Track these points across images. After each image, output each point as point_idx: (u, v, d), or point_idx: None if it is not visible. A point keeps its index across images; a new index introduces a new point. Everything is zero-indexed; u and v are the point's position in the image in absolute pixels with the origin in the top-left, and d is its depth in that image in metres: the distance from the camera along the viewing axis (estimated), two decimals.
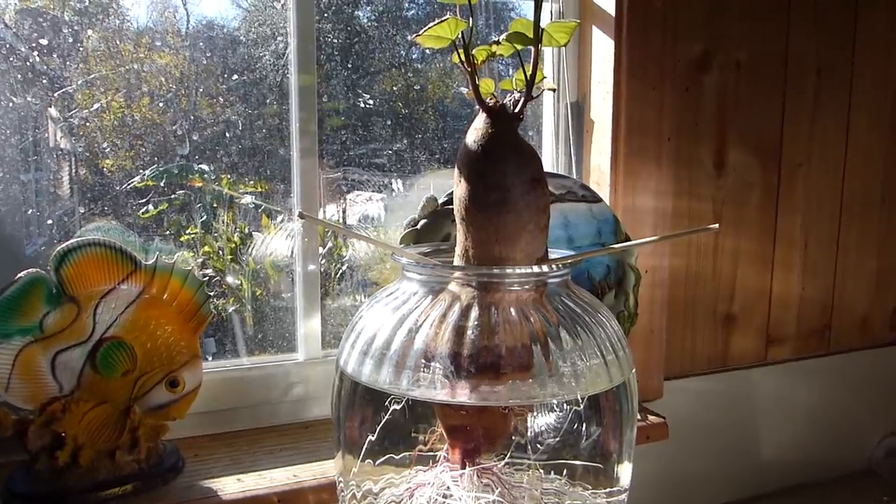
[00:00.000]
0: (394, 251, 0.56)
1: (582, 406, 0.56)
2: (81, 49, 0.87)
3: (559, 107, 1.10)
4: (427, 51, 1.07)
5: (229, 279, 0.98)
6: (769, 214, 1.21)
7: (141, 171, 0.92)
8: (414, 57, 1.06)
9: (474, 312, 0.51)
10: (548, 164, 1.11)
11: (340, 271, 1.05)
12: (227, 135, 0.95)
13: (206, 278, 0.82)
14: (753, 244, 1.20)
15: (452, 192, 0.85)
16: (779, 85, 1.18)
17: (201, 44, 0.94)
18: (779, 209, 1.22)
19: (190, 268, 0.79)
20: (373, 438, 0.58)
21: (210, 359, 0.95)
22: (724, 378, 1.20)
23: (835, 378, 1.31)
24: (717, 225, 0.49)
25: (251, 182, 0.97)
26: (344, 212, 1.07)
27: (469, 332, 0.50)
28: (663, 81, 1.03)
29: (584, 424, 0.56)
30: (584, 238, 0.94)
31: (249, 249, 0.99)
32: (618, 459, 0.59)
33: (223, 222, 0.97)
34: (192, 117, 0.93)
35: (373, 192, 1.06)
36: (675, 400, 1.11)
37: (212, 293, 0.94)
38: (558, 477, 0.58)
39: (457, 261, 0.55)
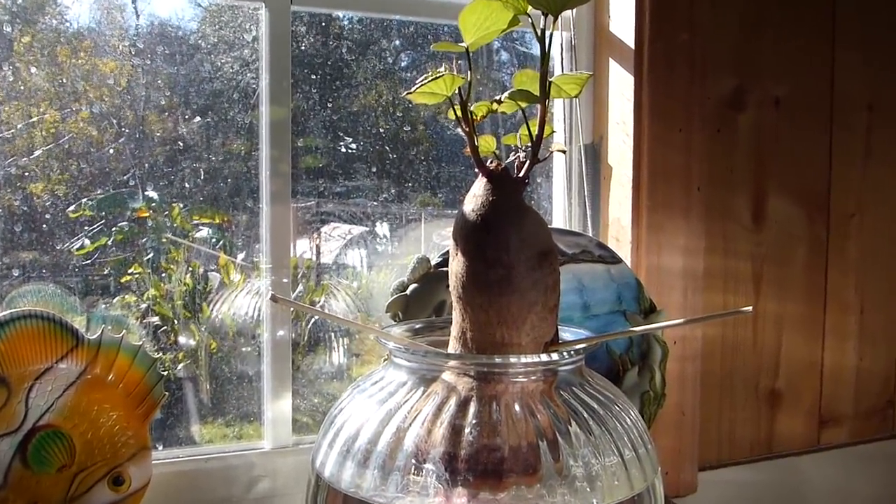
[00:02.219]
0: (378, 335, 0.58)
1: None
2: (11, 54, 0.87)
3: (572, 150, 1.13)
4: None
5: (181, 339, 0.99)
6: (818, 273, 1.23)
7: (77, 198, 0.91)
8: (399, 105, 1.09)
9: (473, 408, 0.52)
10: (559, 218, 1.13)
11: (315, 337, 1.06)
12: (180, 156, 0.94)
13: (153, 330, 0.82)
14: (800, 308, 1.22)
15: (447, 252, 0.87)
16: (824, 123, 1.22)
17: (152, 49, 0.93)
18: (829, 267, 1.24)
19: (140, 343, 0.80)
20: None
21: (160, 448, 0.96)
22: (768, 467, 1.20)
23: None
24: (750, 308, 0.51)
25: (208, 212, 0.97)
26: (318, 248, 1.09)
27: (467, 430, 0.52)
28: (691, 122, 1.06)
29: None
30: (602, 304, 0.96)
31: (206, 297, 0.99)
32: None
33: (173, 260, 0.97)
34: (139, 135, 0.93)
35: (352, 224, 1.07)
36: (710, 494, 1.11)
37: (158, 356, 0.93)
38: None
39: (453, 344, 0.57)
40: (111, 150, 0.92)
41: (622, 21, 1.07)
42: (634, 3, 1.05)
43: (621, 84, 1.07)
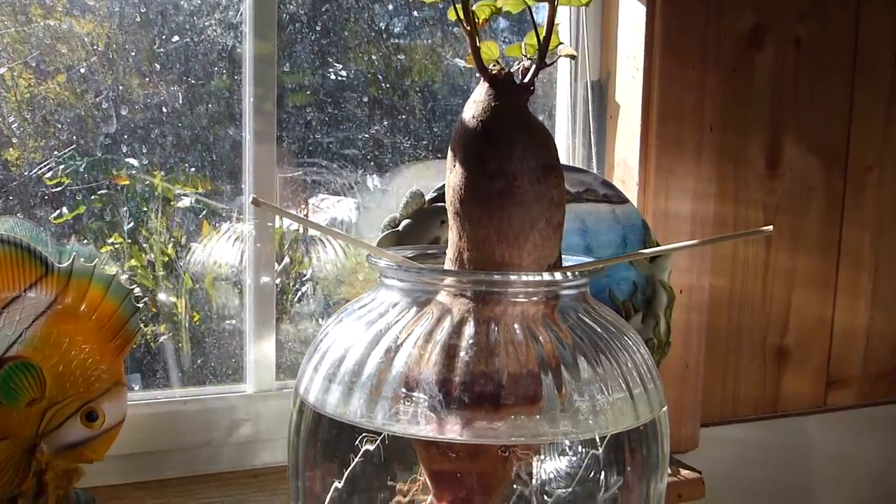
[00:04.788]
0: (370, 251, 0.55)
1: (601, 449, 0.55)
2: None
3: (577, 87, 1.10)
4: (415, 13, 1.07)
5: (161, 297, 0.97)
6: (833, 228, 1.21)
7: (54, 164, 0.90)
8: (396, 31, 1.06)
9: (469, 329, 0.50)
10: (562, 157, 1.11)
11: (301, 291, 1.05)
12: (162, 120, 0.93)
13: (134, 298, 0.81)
14: (813, 263, 1.20)
15: (442, 187, 0.85)
16: (847, 68, 1.19)
17: (131, 7, 0.92)
18: (844, 221, 1.22)
19: (114, 274, 0.78)
20: (339, 486, 0.57)
21: (136, 389, 0.94)
22: (773, 426, 1.19)
23: None
24: (770, 227, 0.49)
25: (190, 179, 0.96)
26: (306, 217, 1.07)
27: (462, 353, 0.49)
28: (705, 59, 1.04)
29: (603, 472, 0.56)
30: (606, 247, 0.94)
31: (187, 256, 0.97)
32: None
33: (155, 230, 0.96)
34: (118, 98, 0.92)
35: (342, 195, 1.06)
36: (712, 451, 1.10)
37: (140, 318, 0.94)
38: None
39: (448, 266, 0.55)
40: (89, 115, 0.91)
41: None
42: None
43: (632, 16, 1.04)
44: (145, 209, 0.95)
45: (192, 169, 0.95)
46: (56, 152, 0.90)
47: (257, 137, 0.94)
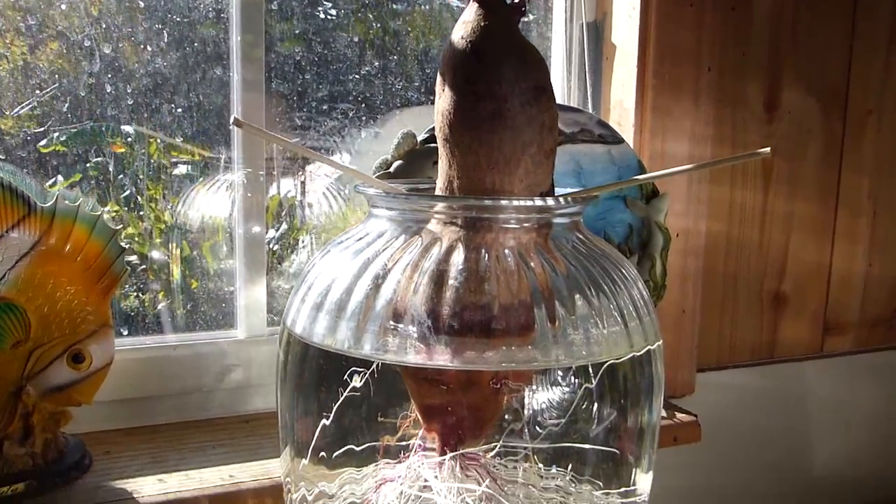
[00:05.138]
0: (358, 177, 0.54)
1: (594, 381, 0.55)
2: None
3: (573, 28, 1.08)
4: None
5: (154, 254, 0.96)
6: (831, 172, 1.20)
7: (49, 133, 0.90)
8: None
9: (459, 256, 0.49)
10: (557, 100, 1.09)
11: (296, 248, 1.04)
12: (158, 89, 0.93)
13: (129, 267, 0.80)
14: (811, 208, 1.19)
15: (433, 128, 0.83)
16: (848, 8, 1.17)
17: None
18: (843, 166, 1.21)
19: (98, 213, 0.76)
20: (327, 423, 0.56)
21: (126, 333, 0.93)
22: (769, 372, 1.19)
23: None
24: (768, 149, 0.48)
25: (187, 148, 0.96)
26: (303, 185, 1.06)
27: (452, 280, 0.48)
28: None
29: (596, 404, 0.55)
30: None
31: (178, 207, 0.96)
32: (637, 452, 0.58)
33: (152, 198, 0.96)
34: (113, 67, 0.91)
35: (334, 137, 1.04)
36: (708, 397, 1.10)
37: (135, 284, 0.95)
38: (562, 471, 0.57)
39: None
40: (84, 83, 0.90)
41: None
42: None
43: None
44: (141, 177, 0.94)
45: (185, 125, 0.94)
46: (51, 121, 0.89)
47: (245, 85, 0.92)
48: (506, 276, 0.50)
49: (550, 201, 0.51)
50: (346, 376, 0.53)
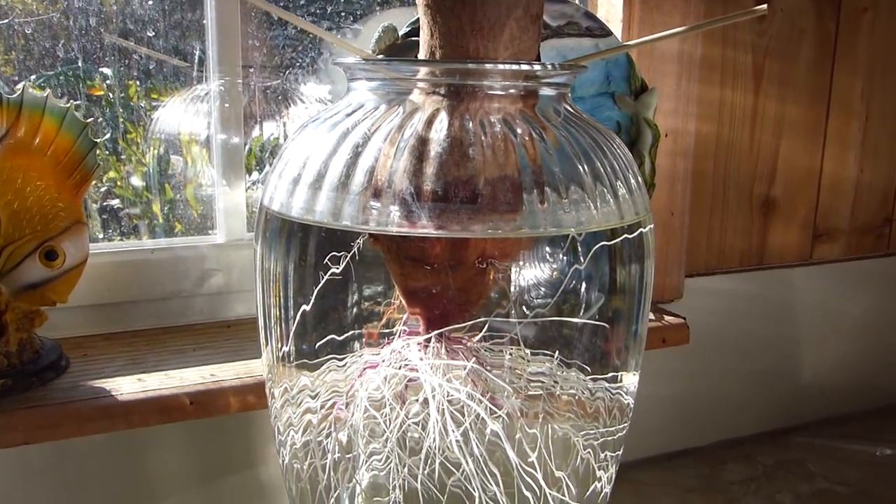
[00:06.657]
0: (338, 44, 0.52)
1: (584, 264, 0.54)
2: None
3: None
4: None
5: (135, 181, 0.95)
6: (823, 73, 1.18)
7: (26, 76, 0.88)
8: None
9: (442, 122, 0.48)
10: None
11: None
12: (135, 30, 0.90)
13: (113, 210, 0.78)
14: (802, 111, 1.18)
15: (416, 21, 0.81)
16: None
17: None
18: (835, 67, 1.19)
19: (68, 105, 0.74)
20: (307, 308, 0.55)
21: (101, 237, 0.92)
22: (758, 278, 1.19)
23: (894, 285, 1.32)
24: (765, 7, 0.46)
25: (167, 89, 0.94)
26: (285, 129, 1.04)
27: (436, 147, 0.47)
28: None
29: (584, 285, 0.55)
30: (589, 85, 0.91)
31: (168, 179, 0.94)
32: (627, 340, 0.58)
33: (133, 141, 0.94)
34: (90, 8, 0.88)
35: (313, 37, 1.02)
36: (697, 302, 1.10)
37: (119, 229, 0.94)
38: (549, 354, 0.57)
39: None
40: (60, 25, 0.88)
41: None
42: None
43: None
44: (121, 120, 0.93)
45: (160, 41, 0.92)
46: (27, 65, 0.88)
47: None
48: (491, 140, 0.48)
49: (537, 66, 0.49)
50: (326, 260, 0.52)
